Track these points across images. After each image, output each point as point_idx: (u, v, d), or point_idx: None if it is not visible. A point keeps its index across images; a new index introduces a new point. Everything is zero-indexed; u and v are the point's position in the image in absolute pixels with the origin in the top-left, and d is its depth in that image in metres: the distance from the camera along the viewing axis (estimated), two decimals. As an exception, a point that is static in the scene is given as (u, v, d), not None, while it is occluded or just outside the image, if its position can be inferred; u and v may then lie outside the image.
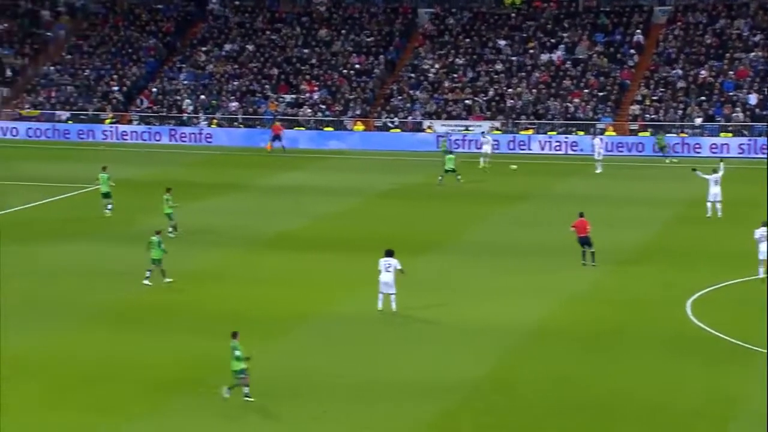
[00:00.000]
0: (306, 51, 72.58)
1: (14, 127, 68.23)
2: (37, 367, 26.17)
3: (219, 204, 47.05)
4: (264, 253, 35.87)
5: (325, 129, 67.10)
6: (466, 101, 67.27)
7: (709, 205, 42.37)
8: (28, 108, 70.37)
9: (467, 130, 64.98)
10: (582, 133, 63.54)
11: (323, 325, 29.46)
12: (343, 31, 73.59)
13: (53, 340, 28.30)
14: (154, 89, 71.31)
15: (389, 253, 30.18)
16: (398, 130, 66.44)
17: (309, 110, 68.54)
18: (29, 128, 68.16)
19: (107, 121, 68.98)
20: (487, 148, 57.08)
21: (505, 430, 22.89)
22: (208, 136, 66.98)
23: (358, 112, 67.89)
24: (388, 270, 29.89)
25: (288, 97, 69.56)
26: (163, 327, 29.47)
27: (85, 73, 72.66)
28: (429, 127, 66.00)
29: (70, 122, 68.90)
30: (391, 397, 24.45)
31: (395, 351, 27.73)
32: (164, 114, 69.48)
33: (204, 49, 73.87)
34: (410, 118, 67.04)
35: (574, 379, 25.49)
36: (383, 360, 27.08)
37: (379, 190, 50.65)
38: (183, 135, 67.11)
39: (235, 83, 70.91)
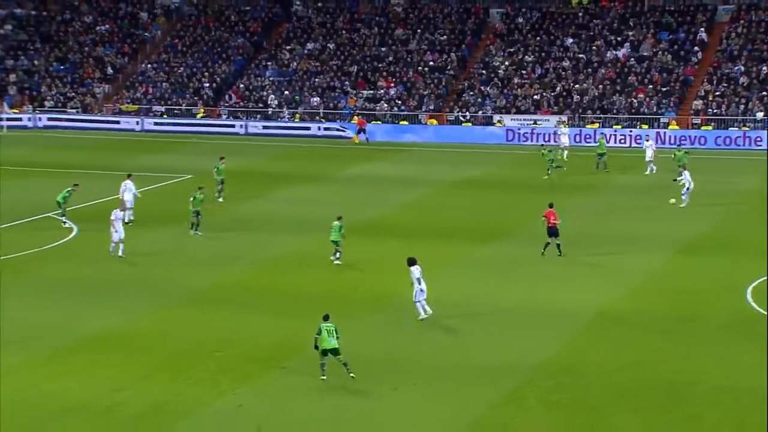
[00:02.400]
0: (383, 49, 72.57)
1: (117, 121, 69.37)
2: (145, 343, 26.51)
3: (302, 193, 47.30)
4: (347, 239, 35.85)
5: (401, 123, 67.04)
6: (535, 96, 66.75)
7: None
8: (128, 103, 71.47)
9: (535, 123, 64.53)
10: (646, 126, 62.72)
11: (403, 308, 29.45)
12: (418, 31, 73.42)
13: (160, 318, 28.66)
14: (242, 85, 71.92)
15: (413, 262, 28.06)
16: (469, 124, 66.17)
17: (386, 105, 68.54)
18: (130, 122, 69.22)
19: (198, 115, 69.77)
20: (565, 140, 56.36)
21: (573, 409, 22.62)
22: (295, 128, 67.35)
23: (431, 107, 67.74)
24: (420, 279, 27.88)
25: (366, 93, 69.63)
26: (257, 308, 29.71)
27: (179, 71, 73.54)
28: (499, 121, 65.63)
29: (164, 116, 69.80)
30: (463, 376, 24.33)
31: (467, 333, 27.60)
32: (251, 108, 70.04)
33: (288, 47, 74.27)
34: (481, 112, 66.71)
35: (640, 363, 25.07)
36: (456, 341, 26.96)
37: (451, 180, 50.46)
38: (268, 127, 67.62)
39: (317, 80, 71.18)
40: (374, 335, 27.36)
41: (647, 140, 54.00)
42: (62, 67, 73.83)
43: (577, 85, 66.71)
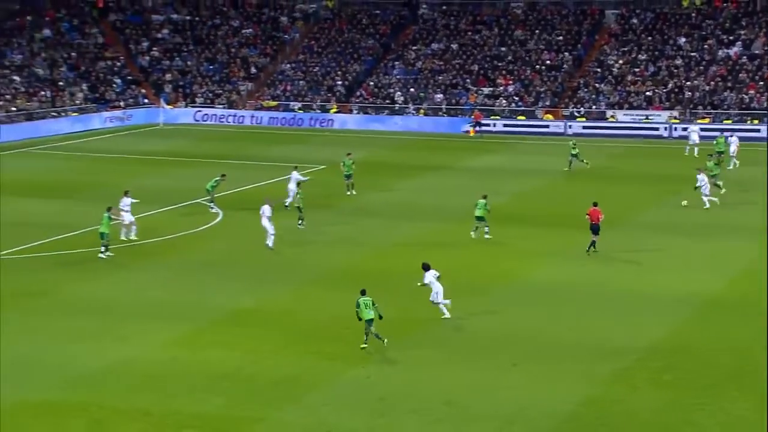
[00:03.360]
0: (503, 49, 71.87)
1: (258, 116, 70.73)
2: (280, 319, 26.95)
3: (426, 183, 47.30)
4: (467, 226, 35.75)
5: (518, 118, 66.31)
6: (647, 93, 65.09)
7: None
8: (268, 99, 72.72)
9: (647, 119, 62.99)
10: (756, 122, 60.42)
11: (518, 289, 29.19)
12: (536, 31, 72.45)
13: (295, 296, 29.12)
14: (371, 83, 72.29)
15: (427, 267, 26.65)
16: (583, 119, 64.93)
17: (504, 101, 67.88)
18: (270, 116, 70.46)
19: (332, 110, 70.50)
20: (695, 137, 54.31)
21: (682, 388, 22.03)
22: (415, 123, 67.41)
23: (547, 103, 66.79)
24: (436, 281, 26.52)
25: (486, 90, 69.10)
26: (382, 287, 29.76)
27: (315, 70, 74.40)
28: (612, 116, 64.29)
29: (301, 111, 70.80)
30: (574, 355, 23.98)
31: (580, 314, 27.18)
32: (379, 104, 70.36)
33: (414, 48, 74.26)
34: (594, 108, 65.43)
35: (751, 348, 24.22)
36: (569, 321, 26.58)
37: (564, 171, 49.64)
38: (395, 122, 67.81)
39: (440, 77, 70.99)
40: (495, 313, 27.17)
41: (731, 136, 51.50)
42: (211, 67, 75.61)
43: (688, 82, 64.73)
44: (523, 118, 66.12)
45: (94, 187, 44.56)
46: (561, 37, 71.40)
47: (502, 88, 68.83)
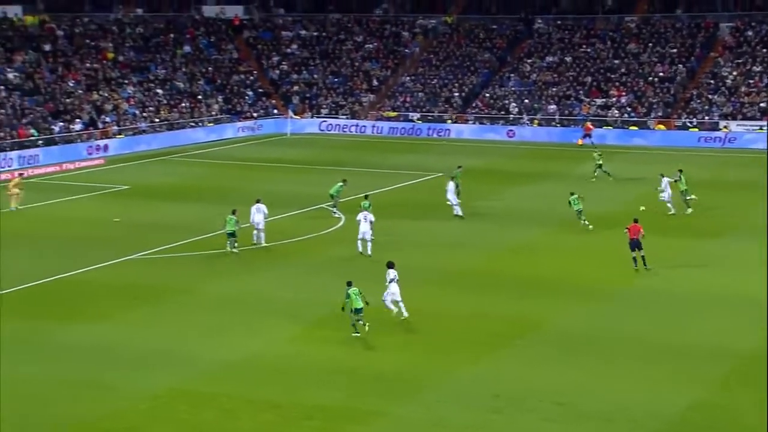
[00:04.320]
0: (616, 62, 70.56)
1: (379, 126, 71.38)
2: (391, 316, 27.28)
3: (537, 190, 46.86)
4: (577, 231, 35.31)
5: (630, 128, 64.95)
6: (761, 104, 62.79)
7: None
8: (389, 110, 73.31)
9: (761, 129, 60.81)
10: None
11: (622, 293, 28.63)
12: (649, 44, 70.86)
13: (410, 295, 29.00)
14: (487, 94, 72.04)
15: (392, 265, 26.49)
16: (696, 130, 63.12)
17: (616, 112, 66.62)
18: (390, 126, 71.03)
19: (449, 120, 70.58)
20: None
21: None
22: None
23: (660, 114, 65.20)
24: (396, 282, 26.26)
25: (599, 101, 67.96)
26: (495, 288, 29.82)
27: (433, 82, 74.63)
28: (725, 127, 62.27)
29: (420, 121, 71.11)
30: (677, 358, 23.44)
31: (684, 318, 26.51)
32: (494, 115, 70.05)
33: (529, 61, 73.65)
34: (707, 118, 63.50)
35: None
36: (673, 325, 25.96)
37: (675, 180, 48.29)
38: (511, 132, 67.35)
39: (554, 89, 70.18)
40: (596, 316, 26.77)
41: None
42: (336, 80, 76.77)
43: (803, 93, 62.23)
44: (636, 128, 64.73)
45: (228, 192, 45.87)
46: (675, 50, 69.64)
47: (614, 99, 67.55)
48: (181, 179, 51.03)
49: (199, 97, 70.96)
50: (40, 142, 57.14)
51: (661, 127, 64.19)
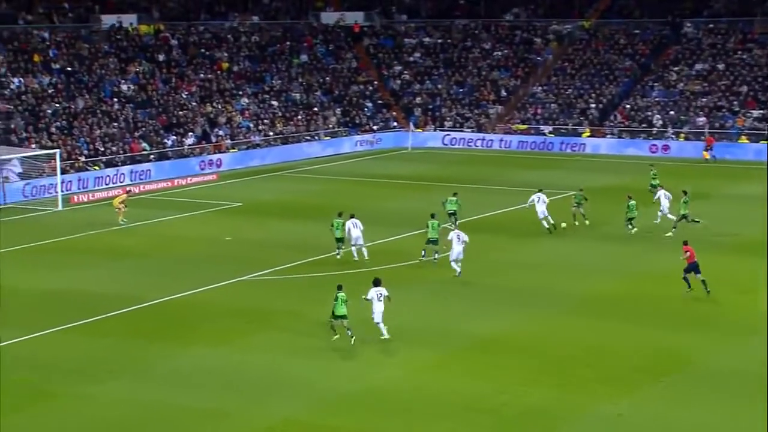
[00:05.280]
0: (776, 69, 68.40)
1: (507, 140, 71.18)
2: (529, 348, 27.09)
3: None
4: (730, 256, 34.36)
5: (792, 143, 62.82)
6: None
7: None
8: (518, 123, 73.06)
9: None
10: None
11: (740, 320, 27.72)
12: (814, 49, 68.43)
13: (543, 324, 29.14)
14: (627, 106, 70.91)
15: (378, 283, 27.47)
16: None
17: (776, 125, 64.52)
18: (519, 140, 70.75)
19: (584, 134, 69.77)
20: None
21: None
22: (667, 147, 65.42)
23: (826, 127, 62.78)
24: (380, 299, 27.36)
25: (755, 113, 65.93)
26: (634, 318, 29.31)
27: (567, 92, 73.99)
28: None
29: (552, 135, 70.56)
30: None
31: None
32: (635, 128, 68.85)
33: (676, 68, 72.18)
34: None
35: None
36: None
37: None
38: (653, 147, 66.09)
39: (704, 100, 68.52)
40: (753, 351, 25.97)
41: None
42: (461, 90, 77.03)
43: None
44: (798, 143, 62.56)
45: (344, 210, 46.51)
46: (843, 55, 67.02)
47: (773, 110, 65.50)
48: (295, 196, 52.15)
49: (316, 108, 72.43)
50: (152, 156, 59.47)
51: (828, 141, 61.82)
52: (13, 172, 51.45)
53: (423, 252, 36.29)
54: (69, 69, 63.43)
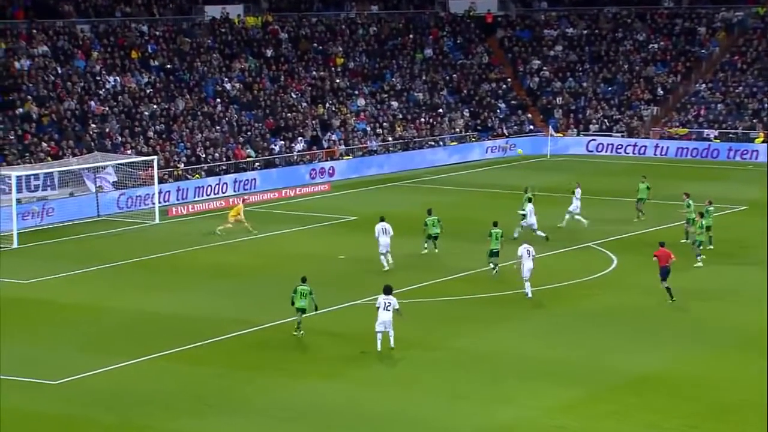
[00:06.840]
0: None
1: (664, 146, 69.95)
2: (690, 389, 26.62)
3: None
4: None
5: None
6: None
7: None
8: (677, 126, 71.72)
9: None
10: None
11: None
12: None
13: (709, 362, 28.72)
14: (810, 106, 68.87)
15: (388, 291, 29.31)
16: None
17: None
18: (678, 146, 69.45)
19: (758, 139, 67.99)
20: None
21: None
22: None
23: None
24: (387, 309, 29.03)
25: None
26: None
27: (737, 91, 72.32)
28: None
29: (717, 140, 69.02)
30: None
31: None
32: (820, 132, 66.80)
33: None
34: None
35: None
36: None
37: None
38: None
39: None
40: None
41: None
42: (609, 89, 76.12)
43: None
44: None
45: (472, 225, 46.39)
46: None
47: None
48: (416, 209, 52.23)
49: (441, 110, 72.69)
50: (258, 164, 60.66)
51: None
52: (108, 181, 53.06)
53: (492, 266, 37.12)
54: (169, 66, 65.13)
